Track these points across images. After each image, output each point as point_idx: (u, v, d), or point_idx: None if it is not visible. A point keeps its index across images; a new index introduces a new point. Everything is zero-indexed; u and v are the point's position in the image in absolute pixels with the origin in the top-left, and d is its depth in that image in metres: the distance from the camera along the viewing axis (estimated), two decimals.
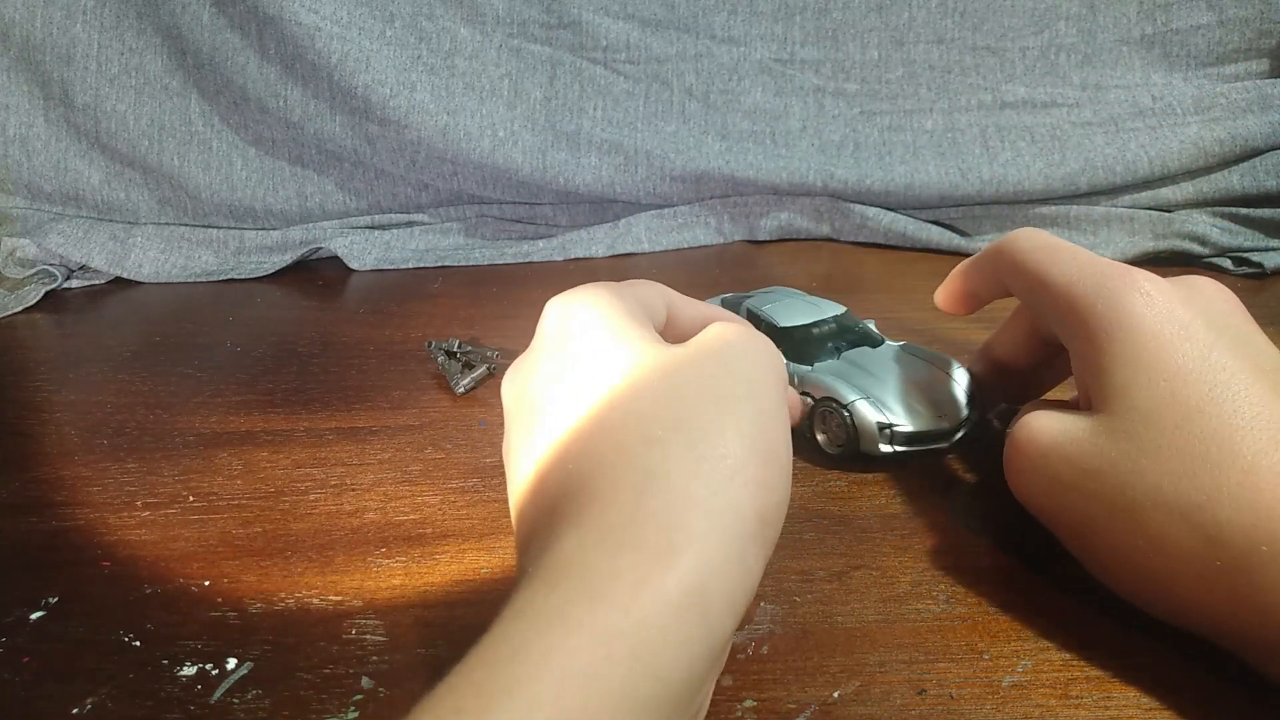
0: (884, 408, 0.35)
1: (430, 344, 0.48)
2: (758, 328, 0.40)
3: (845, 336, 0.40)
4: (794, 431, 0.28)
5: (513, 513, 0.25)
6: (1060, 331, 0.29)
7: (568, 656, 0.18)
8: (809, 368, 0.38)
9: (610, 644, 0.18)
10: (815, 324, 0.40)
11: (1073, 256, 0.29)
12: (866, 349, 0.40)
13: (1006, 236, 0.32)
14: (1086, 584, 0.29)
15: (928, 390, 0.36)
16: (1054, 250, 0.30)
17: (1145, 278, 0.27)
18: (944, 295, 0.36)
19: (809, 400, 0.37)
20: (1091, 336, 0.27)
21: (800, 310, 0.41)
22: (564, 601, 0.19)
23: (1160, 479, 0.24)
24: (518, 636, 0.18)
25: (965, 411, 0.36)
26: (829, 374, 0.37)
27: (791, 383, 0.38)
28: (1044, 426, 0.28)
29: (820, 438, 0.37)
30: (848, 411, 0.35)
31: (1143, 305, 0.26)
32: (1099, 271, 0.28)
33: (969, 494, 0.35)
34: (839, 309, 0.42)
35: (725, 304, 0.44)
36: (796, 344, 0.39)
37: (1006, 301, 0.35)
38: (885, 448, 0.35)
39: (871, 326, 0.42)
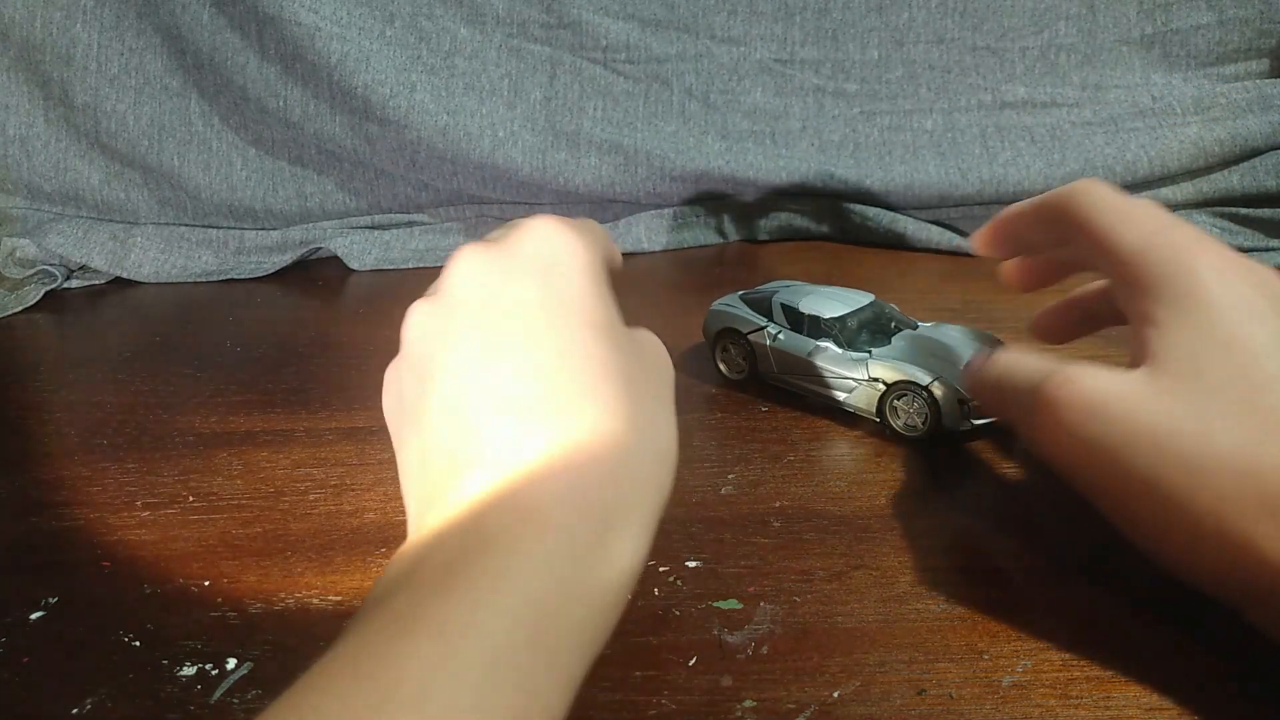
0: (958, 384, 0.36)
1: None
2: (795, 322, 0.41)
3: (883, 322, 0.41)
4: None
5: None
6: (1122, 293, 0.29)
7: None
8: (867, 354, 0.39)
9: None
10: (855, 312, 0.41)
11: (1145, 219, 0.29)
12: (908, 332, 0.40)
13: (1070, 186, 0.31)
14: (1087, 584, 0.29)
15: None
16: (1126, 212, 0.29)
17: (1218, 254, 0.27)
18: (987, 236, 0.35)
19: (880, 386, 0.38)
20: (1161, 303, 0.27)
21: (834, 301, 0.41)
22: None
23: (1229, 443, 0.24)
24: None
25: None
26: (893, 358, 0.38)
27: (858, 369, 0.38)
28: (1094, 386, 0.27)
29: (896, 423, 0.38)
30: (927, 392, 0.36)
31: (1217, 282, 0.26)
32: (1173, 241, 0.28)
33: (969, 493, 0.35)
34: (868, 296, 0.42)
35: (749, 300, 0.44)
36: (849, 333, 0.40)
37: (1003, 301, 0.35)
38: (967, 423, 0.36)
39: (898, 310, 0.42)
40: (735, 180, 0.67)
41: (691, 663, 0.26)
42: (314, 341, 0.52)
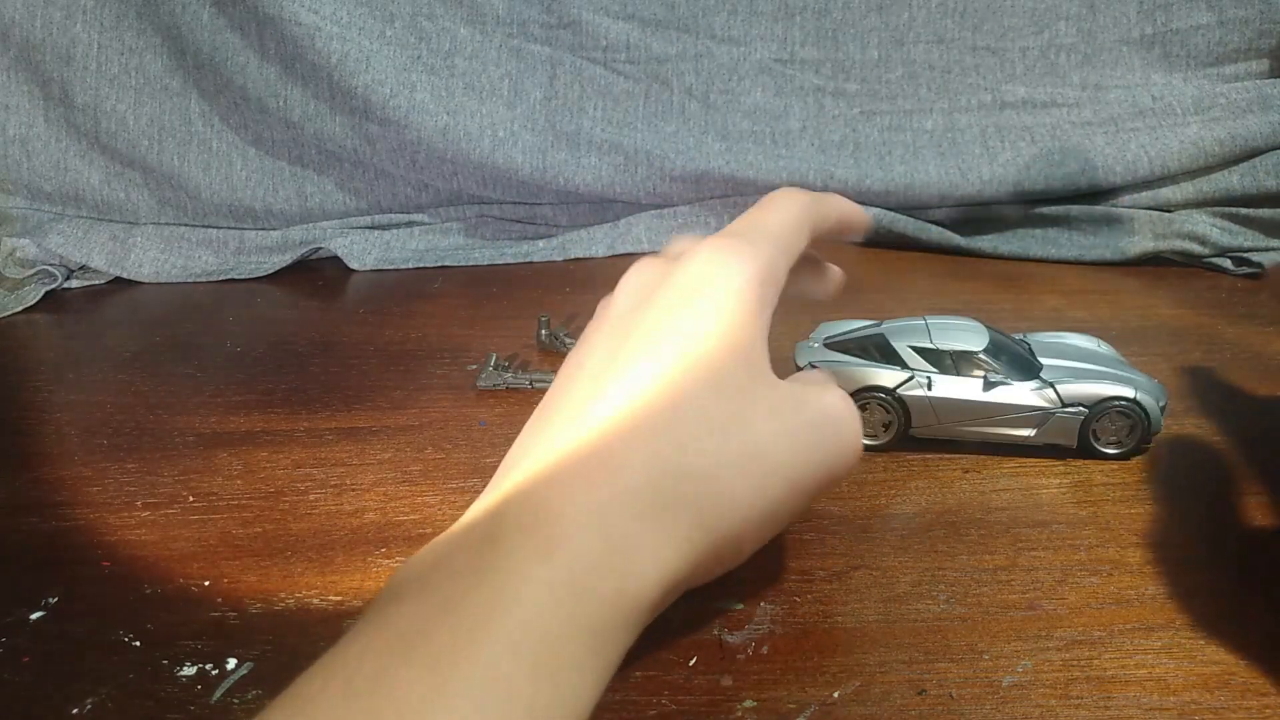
0: (1147, 389, 0.36)
1: (542, 318, 0.50)
2: (937, 363, 0.36)
3: (1005, 344, 0.38)
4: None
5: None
6: None
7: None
8: (1041, 380, 0.36)
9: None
10: (993, 340, 0.37)
11: None
12: (1040, 345, 0.39)
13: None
14: (1087, 584, 0.29)
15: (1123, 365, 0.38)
16: None
17: None
18: None
19: (1080, 410, 0.35)
20: None
21: (961, 331, 0.37)
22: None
23: None
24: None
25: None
26: (1071, 378, 0.36)
27: (1044, 398, 0.36)
28: None
29: (1100, 445, 0.36)
30: (1135, 404, 0.35)
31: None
32: None
33: (969, 493, 0.35)
34: (973, 320, 0.39)
35: (848, 349, 0.38)
36: (1011, 361, 0.36)
37: (1004, 301, 0.35)
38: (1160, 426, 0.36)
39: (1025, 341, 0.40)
40: (735, 180, 0.67)
41: (692, 663, 0.26)
42: (314, 341, 0.52)
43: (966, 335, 0.37)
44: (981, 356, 0.36)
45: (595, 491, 0.21)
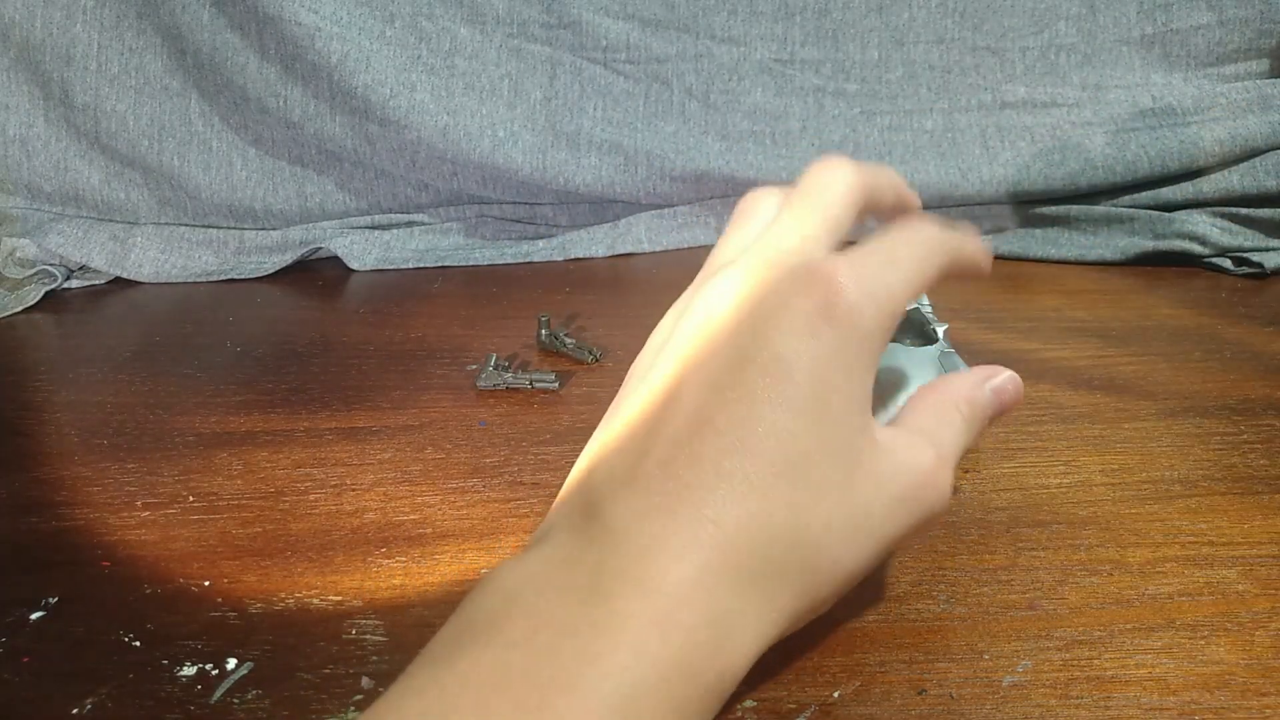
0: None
1: (542, 318, 0.49)
2: None
3: (905, 330, 0.40)
4: None
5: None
6: None
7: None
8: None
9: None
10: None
11: None
12: (914, 348, 0.39)
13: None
14: (1087, 584, 0.29)
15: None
16: None
17: None
18: None
19: None
20: None
21: None
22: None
23: None
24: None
25: None
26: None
27: None
28: None
29: None
30: None
31: None
32: None
33: (969, 493, 0.35)
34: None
35: None
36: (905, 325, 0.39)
37: (1004, 301, 0.35)
38: None
39: (932, 323, 0.41)
40: (735, 180, 0.67)
41: None
42: (314, 341, 0.52)
43: None
44: None
45: (706, 554, 0.20)
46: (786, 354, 0.22)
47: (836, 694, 0.25)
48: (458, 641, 0.19)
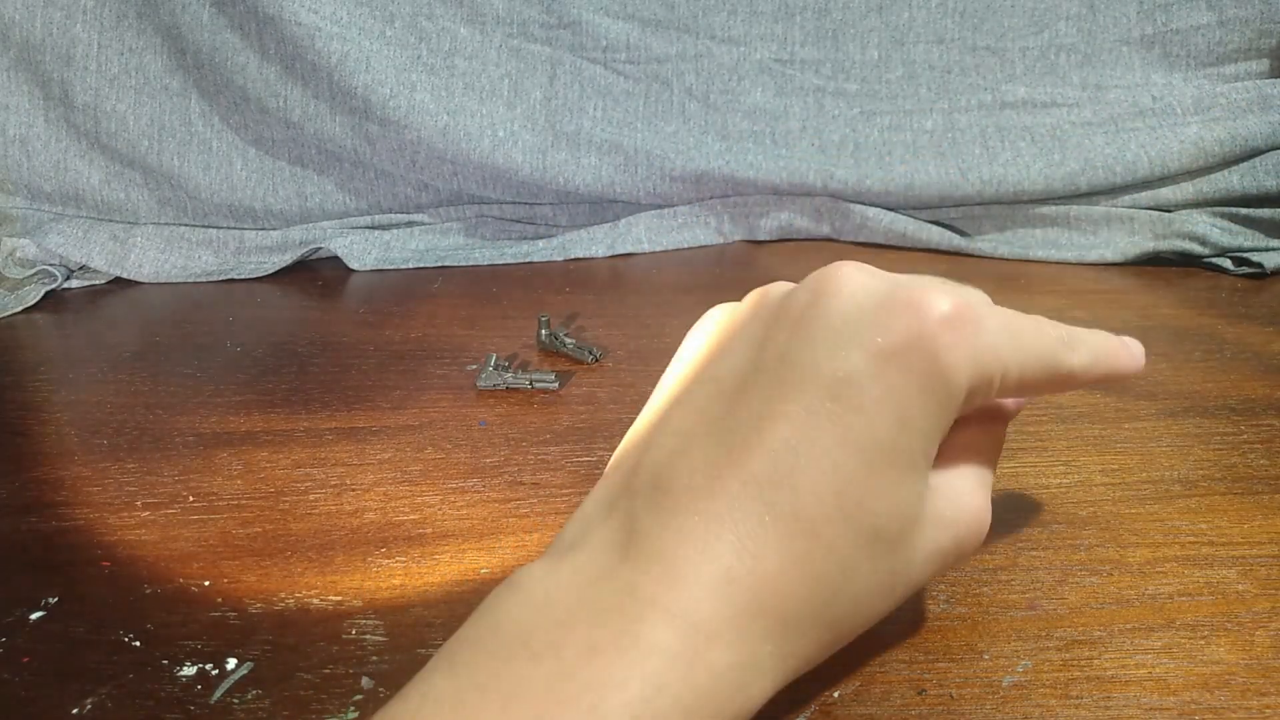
0: None
1: (542, 318, 0.49)
2: None
3: None
4: None
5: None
6: None
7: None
8: None
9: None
10: None
11: None
12: None
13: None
14: (1087, 584, 0.29)
15: None
16: None
17: None
18: None
19: None
20: None
21: None
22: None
23: None
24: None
25: None
26: None
27: None
28: None
29: None
30: None
31: None
32: None
33: None
34: None
35: None
36: None
37: (1004, 301, 0.35)
38: None
39: None
40: (735, 180, 0.67)
41: None
42: (314, 341, 0.52)
43: None
44: None
45: (741, 593, 0.19)
46: (861, 379, 0.20)
47: (836, 694, 0.25)
48: (480, 647, 0.19)
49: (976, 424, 0.25)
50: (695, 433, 0.21)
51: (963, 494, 0.23)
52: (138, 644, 0.28)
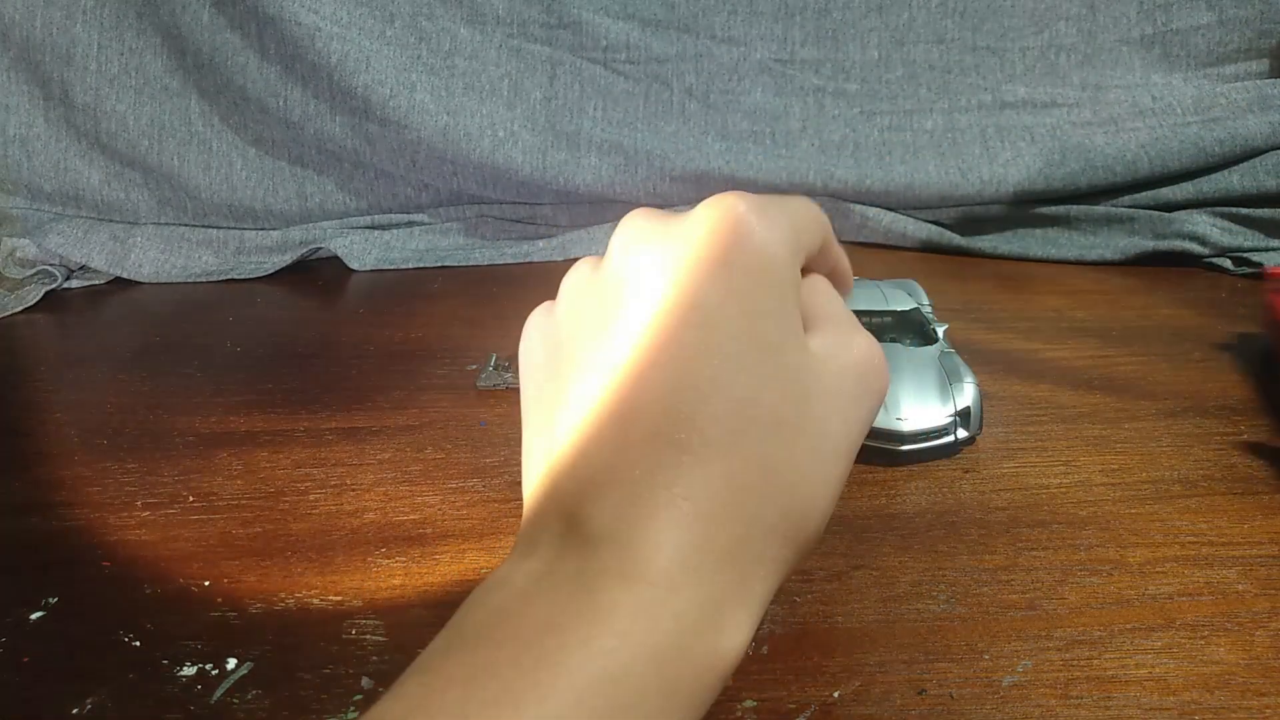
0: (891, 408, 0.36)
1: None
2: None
3: (905, 330, 0.40)
4: None
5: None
6: None
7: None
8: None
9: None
10: (876, 314, 0.39)
11: None
12: (914, 348, 0.40)
13: None
14: (1087, 584, 0.29)
15: (929, 395, 0.37)
16: None
17: None
18: None
19: None
20: None
21: (865, 297, 0.40)
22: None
23: None
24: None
25: (952, 420, 0.36)
26: None
27: None
28: None
29: None
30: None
31: None
32: None
33: (969, 493, 0.35)
34: (909, 304, 0.42)
35: None
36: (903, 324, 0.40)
37: (1004, 301, 0.35)
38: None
39: (932, 323, 0.41)
40: (735, 180, 0.67)
41: None
42: (314, 341, 0.52)
43: (853, 301, 0.37)
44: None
45: (685, 535, 0.19)
46: (705, 300, 0.21)
47: (836, 694, 0.25)
48: (446, 651, 0.19)
49: (821, 293, 0.25)
50: (582, 422, 0.22)
51: (842, 338, 0.23)
52: (137, 644, 0.28)
